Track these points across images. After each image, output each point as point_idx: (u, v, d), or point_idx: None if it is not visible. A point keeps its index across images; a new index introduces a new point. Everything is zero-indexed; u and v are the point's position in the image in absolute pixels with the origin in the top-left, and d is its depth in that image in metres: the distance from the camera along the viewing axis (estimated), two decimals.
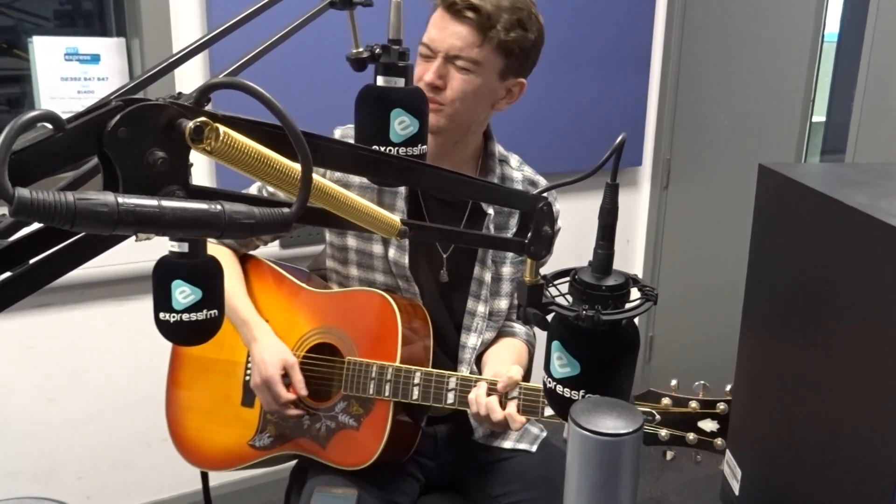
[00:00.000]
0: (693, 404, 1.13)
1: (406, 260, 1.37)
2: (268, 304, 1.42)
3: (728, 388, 1.11)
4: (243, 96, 0.46)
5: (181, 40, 2.00)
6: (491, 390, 1.24)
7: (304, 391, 1.32)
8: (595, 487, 0.60)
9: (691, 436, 1.12)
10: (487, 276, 1.42)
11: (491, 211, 1.40)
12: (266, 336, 1.34)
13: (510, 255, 1.44)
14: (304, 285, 1.43)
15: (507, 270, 1.44)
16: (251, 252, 1.49)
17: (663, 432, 1.13)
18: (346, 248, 1.40)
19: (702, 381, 1.14)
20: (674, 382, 1.16)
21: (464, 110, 1.28)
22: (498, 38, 1.23)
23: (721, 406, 1.11)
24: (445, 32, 1.24)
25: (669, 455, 1.13)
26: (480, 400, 1.23)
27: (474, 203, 1.40)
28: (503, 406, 1.23)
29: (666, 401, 1.14)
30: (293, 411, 1.33)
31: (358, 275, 1.41)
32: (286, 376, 1.32)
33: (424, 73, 1.25)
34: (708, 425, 1.12)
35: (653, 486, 2.65)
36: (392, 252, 1.37)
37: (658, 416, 1.13)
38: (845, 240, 0.66)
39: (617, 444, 0.60)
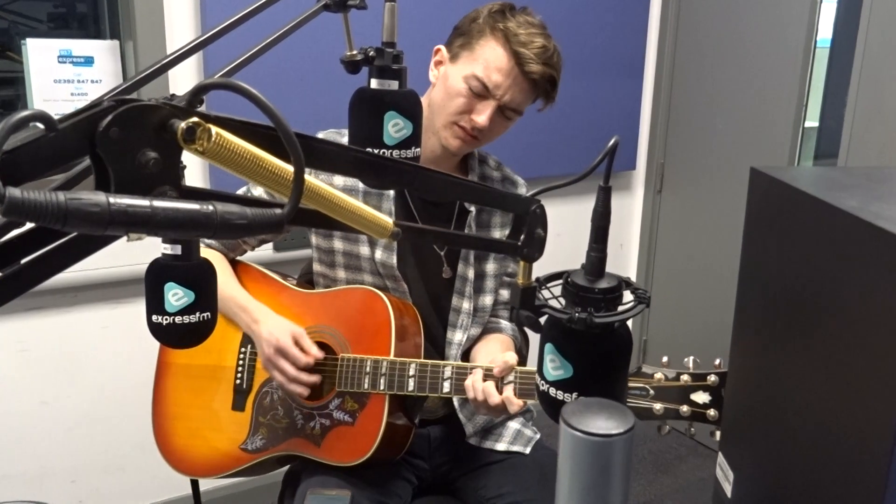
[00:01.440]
0: (685, 378, 1.16)
1: (394, 260, 1.38)
2: None
3: (717, 361, 1.15)
4: (237, 98, 0.45)
5: (175, 43, 2.00)
6: (487, 376, 1.26)
7: (320, 354, 1.32)
8: (586, 488, 0.60)
9: (684, 408, 1.15)
10: (471, 273, 1.43)
11: (473, 209, 1.41)
12: (268, 315, 1.35)
13: None
14: (292, 287, 1.43)
15: (490, 267, 1.46)
16: (239, 258, 1.49)
17: (657, 406, 1.16)
18: (332, 250, 1.41)
19: (692, 356, 1.17)
20: (665, 358, 1.19)
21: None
22: (543, 101, 1.37)
23: (712, 378, 1.14)
24: (515, 88, 1.30)
25: (665, 430, 1.16)
26: (477, 385, 1.25)
27: (461, 203, 1.41)
28: (499, 391, 1.24)
29: (658, 376, 1.17)
30: (311, 378, 1.31)
31: (346, 277, 1.41)
32: (297, 346, 1.31)
33: (473, 109, 1.30)
34: (700, 397, 1.15)
35: (647, 490, 2.65)
36: (378, 253, 1.38)
37: (651, 391, 1.16)
38: (836, 243, 0.66)
39: (608, 445, 0.60)
